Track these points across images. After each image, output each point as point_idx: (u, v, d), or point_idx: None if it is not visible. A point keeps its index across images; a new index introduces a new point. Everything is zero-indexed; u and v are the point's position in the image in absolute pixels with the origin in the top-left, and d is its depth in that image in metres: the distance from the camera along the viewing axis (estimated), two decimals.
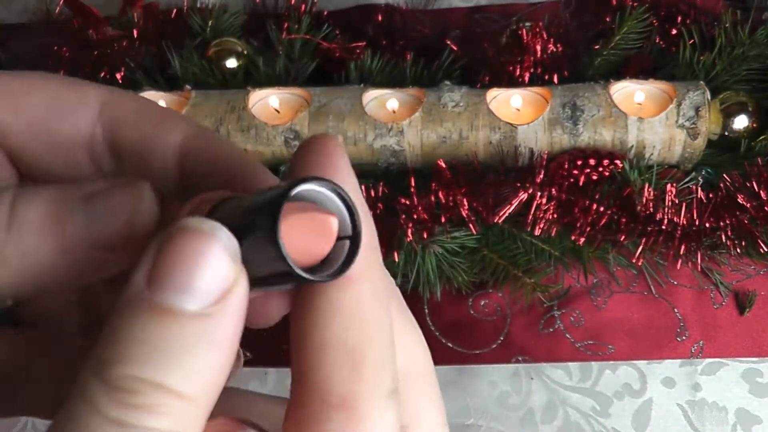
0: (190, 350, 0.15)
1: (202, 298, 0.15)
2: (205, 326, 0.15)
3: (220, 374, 0.16)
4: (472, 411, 0.56)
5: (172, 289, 0.15)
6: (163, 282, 0.15)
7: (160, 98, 0.61)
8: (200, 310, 0.15)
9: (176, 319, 0.15)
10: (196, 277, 0.15)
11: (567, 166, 0.55)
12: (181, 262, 0.15)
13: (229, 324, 0.16)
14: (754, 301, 0.57)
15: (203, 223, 0.16)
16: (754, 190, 0.53)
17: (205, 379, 0.15)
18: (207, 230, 0.15)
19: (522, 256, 0.56)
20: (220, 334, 0.15)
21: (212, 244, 0.15)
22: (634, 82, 0.58)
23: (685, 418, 0.55)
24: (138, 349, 0.15)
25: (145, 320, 0.15)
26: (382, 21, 0.69)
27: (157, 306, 0.15)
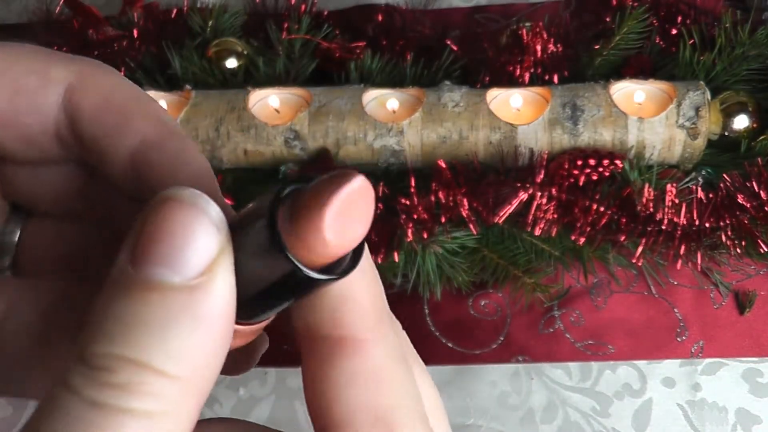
0: (174, 325, 0.14)
1: (185, 270, 0.14)
2: (190, 300, 0.14)
3: (212, 354, 0.15)
4: (472, 411, 0.56)
5: (153, 262, 0.14)
6: (144, 256, 0.14)
7: (160, 98, 0.61)
8: (184, 282, 0.14)
9: (158, 293, 0.14)
10: (178, 248, 0.14)
11: (567, 166, 0.55)
12: (162, 233, 0.14)
13: (217, 297, 0.15)
14: (754, 301, 0.57)
15: (183, 192, 0.15)
16: (754, 190, 0.53)
17: (194, 357, 0.14)
18: (188, 199, 0.15)
19: (522, 256, 0.56)
20: (207, 308, 0.14)
21: (194, 213, 0.14)
22: (634, 82, 0.58)
23: (685, 418, 0.55)
24: (117, 326, 0.14)
25: (125, 297, 0.14)
26: (382, 21, 0.69)
27: (139, 281, 0.14)
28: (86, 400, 0.14)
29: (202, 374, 0.15)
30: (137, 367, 0.14)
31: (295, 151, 0.59)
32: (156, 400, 0.14)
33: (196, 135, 0.59)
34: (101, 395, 0.14)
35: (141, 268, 0.14)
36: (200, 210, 0.15)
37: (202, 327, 0.14)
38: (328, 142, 0.58)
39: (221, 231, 0.15)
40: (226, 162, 0.60)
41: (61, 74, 0.19)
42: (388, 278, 0.57)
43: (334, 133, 0.58)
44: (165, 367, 0.14)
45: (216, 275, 0.15)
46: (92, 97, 0.19)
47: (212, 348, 0.15)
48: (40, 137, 0.20)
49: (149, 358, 0.14)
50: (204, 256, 0.14)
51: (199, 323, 0.14)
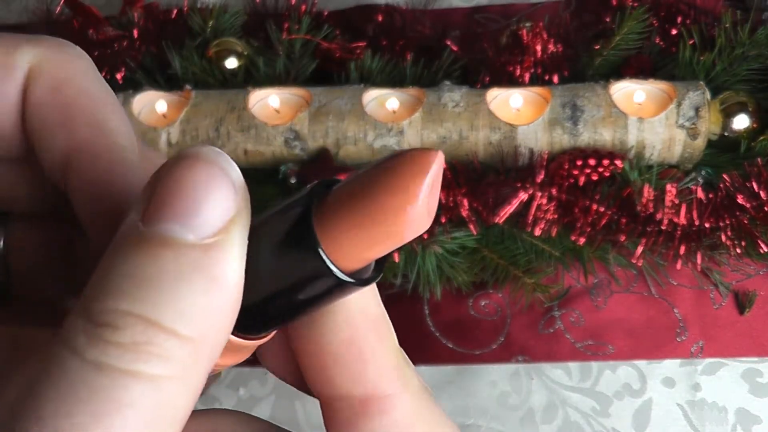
0: (187, 284, 0.13)
1: (200, 228, 0.14)
2: (204, 258, 0.13)
3: (223, 317, 0.14)
4: (472, 411, 0.56)
5: (167, 219, 0.13)
6: (159, 212, 0.14)
7: (160, 98, 0.61)
8: (198, 240, 0.13)
9: (171, 249, 0.13)
10: (195, 204, 0.14)
11: (567, 167, 0.55)
12: (178, 189, 0.14)
13: (231, 258, 0.14)
14: (754, 301, 0.57)
15: (203, 150, 0.14)
16: (754, 190, 0.53)
17: (206, 319, 0.13)
18: (207, 156, 0.14)
19: (522, 256, 0.56)
20: (222, 268, 0.14)
21: (214, 171, 0.14)
22: (634, 82, 0.58)
23: (685, 418, 0.55)
24: (125, 281, 0.13)
25: (136, 253, 0.13)
26: (382, 21, 0.69)
27: (151, 237, 0.13)
28: (88, 361, 0.13)
29: (213, 337, 0.14)
30: (145, 324, 0.13)
31: (295, 151, 0.59)
32: (164, 363, 0.13)
33: (196, 135, 0.59)
34: (104, 356, 0.13)
35: (154, 224, 0.13)
36: (220, 168, 0.14)
37: (216, 287, 0.14)
38: (328, 142, 0.58)
39: (239, 192, 0.14)
40: None
41: (24, 58, 0.18)
42: (388, 278, 0.57)
43: (334, 133, 0.58)
44: (175, 326, 0.13)
45: (232, 235, 0.14)
46: (42, 87, 0.18)
47: (225, 310, 0.14)
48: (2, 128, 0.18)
49: (159, 315, 0.13)
50: (221, 215, 0.14)
51: (212, 283, 0.13)
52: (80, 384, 0.12)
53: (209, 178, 0.14)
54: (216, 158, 0.14)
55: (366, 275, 0.16)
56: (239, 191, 0.14)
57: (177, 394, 0.13)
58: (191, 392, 0.14)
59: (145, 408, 0.13)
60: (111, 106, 0.19)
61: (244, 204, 0.14)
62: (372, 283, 0.16)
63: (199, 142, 0.59)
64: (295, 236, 0.15)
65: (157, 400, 0.13)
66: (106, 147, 0.18)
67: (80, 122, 0.18)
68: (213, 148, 0.14)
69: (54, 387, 0.13)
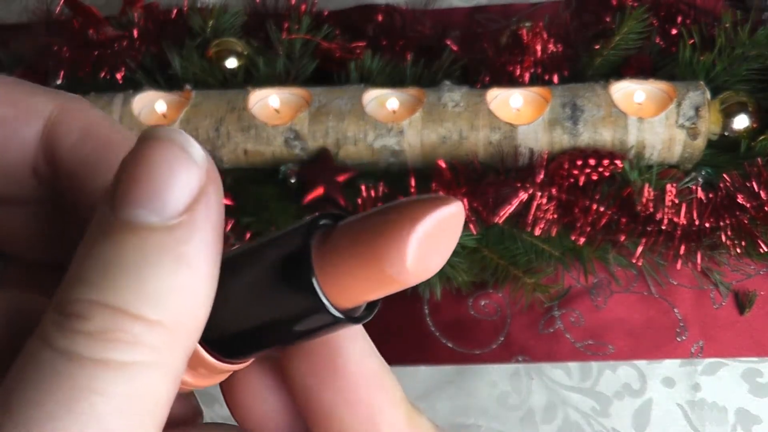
0: (153, 267, 0.13)
1: (164, 209, 0.13)
2: (169, 239, 0.13)
3: (197, 299, 0.14)
4: (472, 411, 0.57)
5: (131, 203, 0.13)
6: (122, 198, 0.13)
7: (160, 98, 0.61)
8: (163, 222, 0.13)
9: (136, 234, 0.13)
10: (156, 187, 0.13)
11: (567, 166, 0.55)
12: (139, 173, 0.13)
13: (199, 237, 0.14)
14: (754, 301, 0.57)
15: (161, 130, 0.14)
16: (754, 190, 0.53)
17: (176, 302, 0.13)
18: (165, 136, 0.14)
19: (522, 256, 0.56)
20: (190, 248, 0.13)
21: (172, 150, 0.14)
22: (634, 82, 0.58)
23: (685, 418, 0.55)
24: (91, 270, 0.13)
25: (102, 241, 0.13)
26: (382, 21, 0.69)
27: (117, 224, 0.13)
28: (59, 351, 0.13)
29: (187, 320, 0.14)
30: (111, 312, 0.13)
31: (295, 151, 0.59)
32: (135, 350, 0.13)
33: (196, 135, 0.59)
34: (74, 345, 0.13)
35: (120, 209, 0.13)
36: (178, 146, 0.14)
37: (184, 267, 0.13)
38: (328, 142, 0.58)
39: (202, 168, 0.14)
40: (226, 162, 0.60)
41: (42, 106, 0.18)
42: None
43: (334, 133, 0.58)
44: (142, 312, 0.13)
45: (198, 213, 0.14)
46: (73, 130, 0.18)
47: (197, 291, 0.14)
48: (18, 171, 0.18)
49: (123, 301, 0.13)
50: (184, 195, 0.14)
51: (180, 264, 0.13)
52: (50, 373, 0.13)
53: (169, 158, 0.14)
54: (175, 137, 0.14)
55: (357, 314, 0.16)
56: (202, 168, 0.14)
57: (153, 381, 0.13)
58: (169, 378, 0.14)
59: (117, 396, 0.13)
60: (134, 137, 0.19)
61: (211, 181, 0.14)
62: (364, 321, 0.16)
63: (199, 142, 0.59)
64: (290, 265, 0.14)
65: (130, 388, 0.13)
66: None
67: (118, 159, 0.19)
68: (171, 128, 0.14)
69: (25, 377, 0.13)
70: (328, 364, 0.17)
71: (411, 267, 0.14)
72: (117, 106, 0.60)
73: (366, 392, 0.17)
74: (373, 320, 0.16)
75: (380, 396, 0.17)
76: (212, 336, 0.15)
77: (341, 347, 0.17)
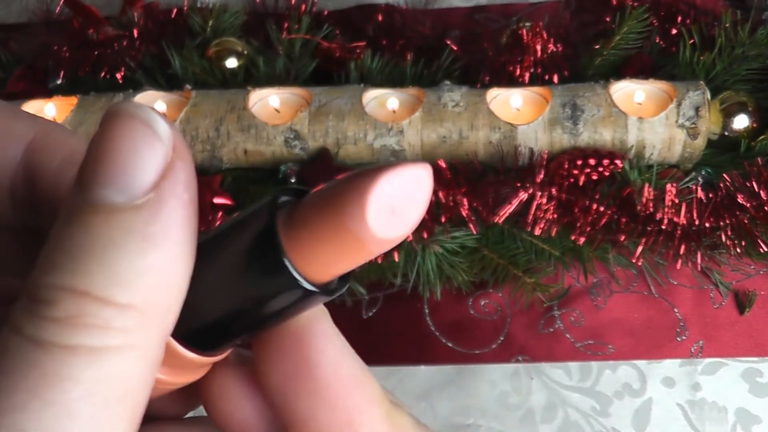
0: (120, 249, 0.13)
1: (129, 188, 0.13)
2: (136, 219, 0.13)
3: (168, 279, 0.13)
4: (472, 411, 0.56)
5: (97, 184, 0.13)
6: (89, 179, 0.13)
7: (159, 98, 0.61)
8: (129, 202, 0.13)
9: (102, 215, 0.13)
10: (120, 165, 0.13)
11: (567, 166, 0.55)
12: (103, 152, 0.13)
13: (168, 215, 0.13)
14: (754, 301, 0.57)
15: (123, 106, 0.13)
16: (754, 190, 0.53)
17: (147, 283, 0.13)
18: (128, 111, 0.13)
19: (522, 256, 0.56)
20: (157, 227, 0.13)
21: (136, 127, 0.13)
22: (634, 82, 0.58)
23: (685, 417, 0.55)
24: (58, 254, 0.13)
25: (69, 224, 0.13)
26: (382, 21, 0.69)
27: (84, 206, 0.13)
28: (28, 338, 0.12)
29: (159, 302, 0.13)
30: (79, 296, 0.12)
31: (295, 151, 0.59)
32: (105, 334, 0.12)
33: (196, 135, 0.59)
34: (42, 331, 0.12)
35: (85, 191, 0.13)
36: (141, 122, 0.13)
37: (153, 248, 0.13)
38: (328, 141, 0.58)
39: (167, 143, 0.13)
40: (226, 162, 0.60)
41: (24, 131, 0.18)
42: (388, 278, 0.57)
43: (334, 133, 0.58)
44: (111, 295, 0.13)
45: (165, 191, 0.13)
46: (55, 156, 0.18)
47: (168, 271, 0.13)
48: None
49: (91, 285, 0.12)
50: (149, 172, 0.13)
51: (148, 244, 0.13)
52: (20, 361, 0.12)
53: (132, 134, 0.13)
54: (137, 112, 0.13)
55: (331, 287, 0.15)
56: (167, 144, 0.13)
57: (125, 365, 0.13)
58: (143, 361, 0.13)
59: (88, 381, 0.12)
60: None
61: (178, 156, 0.14)
62: (338, 293, 0.15)
63: (199, 141, 0.59)
64: (258, 245, 0.14)
65: (101, 373, 0.13)
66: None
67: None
68: (135, 103, 0.14)
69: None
70: (302, 366, 0.16)
71: (372, 222, 0.13)
72: None
73: (343, 394, 0.16)
74: (373, 320, 0.16)
75: (357, 396, 0.16)
76: (186, 329, 0.15)
77: (315, 348, 0.16)
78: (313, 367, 0.16)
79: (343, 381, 0.16)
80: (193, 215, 0.14)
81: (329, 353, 0.16)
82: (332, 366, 0.16)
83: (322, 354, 0.16)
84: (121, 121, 0.13)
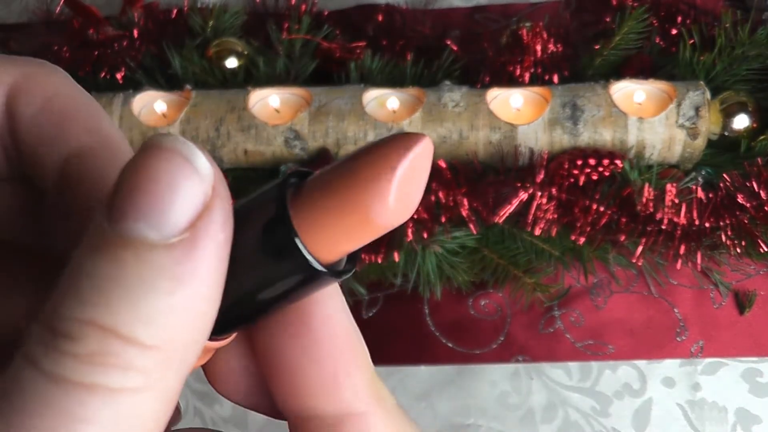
0: (149, 287, 0.12)
1: (164, 226, 0.12)
2: (168, 258, 0.12)
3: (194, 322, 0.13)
4: (472, 411, 0.57)
5: (130, 216, 0.12)
6: (120, 210, 0.12)
7: (160, 98, 0.61)
8: (163, 239, 0.12)
9: (134, 250, 0.12)
10: (157, 200, 0.12)
11: (567, 166, 0.55)
12: (140, 184, 0.13)
13: (202, 256, 0.13)
14: (754, 301, 0.57)
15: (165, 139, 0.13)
16: (754, 190, 0.53)
17: (172, 324, 0.12)
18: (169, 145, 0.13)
19: (522, 256, 0.56)
20: (189, 268, 0.13)
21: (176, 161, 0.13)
22: (634, 82, 0.58)
23: (685, 417, 0.55)
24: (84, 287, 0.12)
25: (97, 255, 0.12)
26: (382, 21, 0.69)
27: (113, 237, 0.12)
28: (44, 373, 0.12)
29: (182, 344, 0.13)
30: (103, 333, 0.12)
31: (295, 151, 0.59)
32: (125, 374, 0.12)
33: (196, 135, 0.59)
34: (60, 368, 0.12)
35: (117, 223, 0.12)
36: (182, 157, 0.13)
37: (182, 289, 0.12)
38: (328, 142, 0.58)
39: (207, 182, 0.13)
40: (226, 162, 0.60)
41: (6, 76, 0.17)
42: (388, 278, 0.57)
43: (335, 133, 0.58)
44: (135, 334, 0.12)
45: (200, 231, 0.13)
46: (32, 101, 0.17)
47: (196, 312, 0.13)
48: None
49: (117, 323, 0.12)
50: (186, 211, 0.13)
51: (177, 285, 0.12)
52: (35, 397, 0.12)
53: (172, 169, 0.13)
54: (179, 147, 0.13)
55: (339, 268, 0.15)
56: (207, 182, 0.13)
57: (143, 406, 0.13)
58: (160, 401, 0.13)
59: (103, 422, 0.12)
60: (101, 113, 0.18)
61: (217, 195, 0.13)
62: (348, 275, 0.15)
63: (200, 142, 0.59)
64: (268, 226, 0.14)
65: (118, 414, 0.12)
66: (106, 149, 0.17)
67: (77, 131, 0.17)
68: (177, 137, 0.13)
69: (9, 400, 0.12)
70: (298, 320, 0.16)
71: (393, 208, 0.13)
72: (117, 106, 0.60)
73: (333, 349, 0.16)
74: (373, 320, 0.16)
75: (347, 355, 0.16)
76: None
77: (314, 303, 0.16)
78: (309, 321, 0.16)
79: (336, 339, 0.16)
80: (226, 255, 0.13)
81: (327, 309, 0.16)
82: (328, 323, 0.16)
83: (320, 308, 0.16)
84: (162, 154, 0.13)
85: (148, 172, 0.13)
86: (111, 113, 0.59)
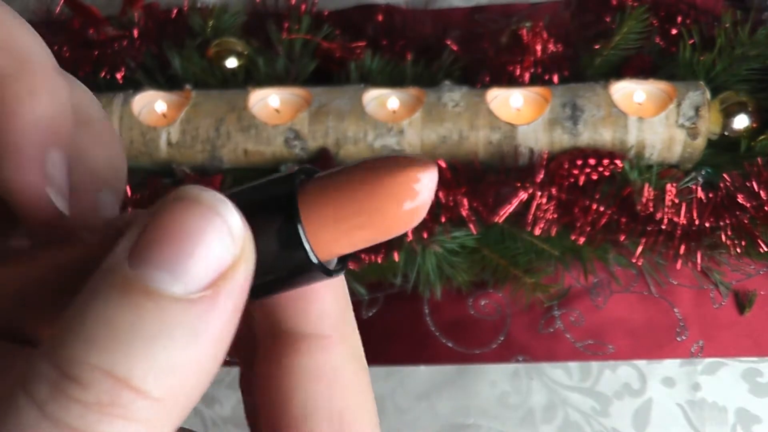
0: (166, 340, 0.12)
1: (189, 280, 0.12)
2: (188, 314, 0.12)
3: (200, 376, 0.13)
4: (472, 411, 0.57)
5: (155, 265, 0.12)
6: (145, 256, 0.12)
7: (160, 98, 0.61)
8: (185, 294, 0.12)
9: (155, 301, 0.12)
10: (185, 253, 0.12)
11: (567, 166, 0.55)
12: (170, 234, 0.12)
13: (219, 316, 0.13)
14: (754, 301, 0.57)
15: (201, 193, 0.13)
16: (754, 190, 0.53)
17: (181, 378, 0.12)
18: (205, 200, 0.13)
19: (522, 256, 0.56)
20: (206, 325, 0.13)
21: (210, 217, 0.13)
22: (634, 82, 0.58)
23: (684, 417, 0.55)
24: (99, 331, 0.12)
25: (115, 299, 0.12)
26: (382, 21, 0.69)
27: (135, 284, 0.12)
28: (48, 417, 0.12)
29: (186, 398, 0.13)
30: (114, 382, 0.12)
31: (295, 151, 0.59)
32: (127, 425, 0.12)
33: (196, 135, 0.59)
34: (65, 413, 0.12)
35: (140, 268, 0.12)
36: (217, 214, 0.13)
37: (197, 345, 0.13)
38: (328, 142, 0.58)
39: (237, 241, 0.13)
40: (226, 162, 0.60)
41: None
42: (388, 278, 0.57)
43: (334, 133, 0.58)
44: (145, 386, 0.12)
45: (222, 291, 0.13)
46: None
47: (204, 368, 0.13)
48: None
49: (129, 373, 0.12)
50: (213, 268, 0.13)
51: (193, 341, 0.12)
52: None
53: (204, 224, 0.13)
54: (214, 203, 0.13)
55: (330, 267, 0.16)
56: (237, 241, 0.13)
57: None
58: None
59: None
60: (15, 28, 0.16)
61: (243, 254, 0.13)
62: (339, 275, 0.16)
63: (200, 141, 0.59)
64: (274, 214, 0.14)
65: None
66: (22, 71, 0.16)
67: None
68: (213, 192, 0.13)
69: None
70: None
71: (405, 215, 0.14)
72: (117, 106, 0.60)
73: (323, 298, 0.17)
74: (373, 320, 0.16)
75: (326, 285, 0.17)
76: None
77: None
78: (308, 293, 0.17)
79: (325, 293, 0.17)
80: (238, 318, 0.13)
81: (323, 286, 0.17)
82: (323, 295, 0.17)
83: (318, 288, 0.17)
84: (198, 209, 0.13)
85: (179, 222, 0.13)
86: (111, 113, 0.59)
